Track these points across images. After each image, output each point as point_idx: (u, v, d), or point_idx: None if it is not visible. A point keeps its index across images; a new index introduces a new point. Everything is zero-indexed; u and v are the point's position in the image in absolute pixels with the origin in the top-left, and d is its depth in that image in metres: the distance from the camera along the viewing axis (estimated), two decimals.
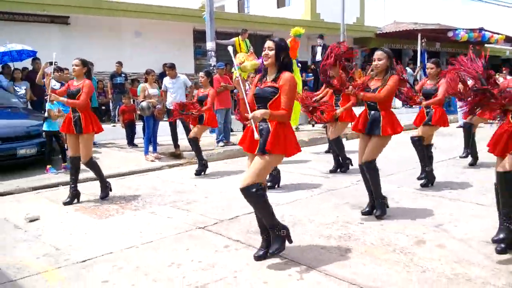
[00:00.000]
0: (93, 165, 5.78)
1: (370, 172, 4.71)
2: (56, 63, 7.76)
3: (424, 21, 22.48)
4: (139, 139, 9.56)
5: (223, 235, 4.31)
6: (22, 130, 7.39)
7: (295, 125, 11.53)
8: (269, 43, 3.56)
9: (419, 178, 6.15)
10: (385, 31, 21.42)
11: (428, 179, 6.06)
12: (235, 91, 9.26)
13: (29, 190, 6.35)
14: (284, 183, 6.33)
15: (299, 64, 11.17)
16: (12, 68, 10.38)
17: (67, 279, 3.43)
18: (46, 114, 7.13)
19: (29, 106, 9.68)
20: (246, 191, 3.47)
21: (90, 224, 4.80)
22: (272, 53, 3.52)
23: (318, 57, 12.50)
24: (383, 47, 4.84)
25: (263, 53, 3.57)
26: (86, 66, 5.64)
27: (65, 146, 7.29)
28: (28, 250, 4.06)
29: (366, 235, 4.20)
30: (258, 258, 3.65)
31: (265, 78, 3.63)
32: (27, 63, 11.34)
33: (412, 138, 6.05)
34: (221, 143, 9.37)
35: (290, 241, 3.69)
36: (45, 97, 7.38)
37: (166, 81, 8.63)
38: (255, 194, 3.45)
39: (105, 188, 5.87)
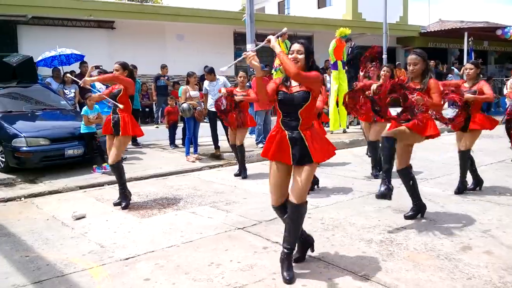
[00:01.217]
0: (118, 169, 5.55)
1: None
2: (101, 66, 8.02)
3: (471, 19, 21.69)
4: (179, 140, 9.75)
5: (262, 236, 4.31)
6: (70, 131, 7.69)
7: (344, 127, 11.33)
8: (297, 46, 3.28)
9: (468, 189, 5.79)
10: (429, 30, 20.83)
11: (476, 184, 5.82)
12: None
13: (76, 189, 6.58)
14: (325, 185, 6.26)
15: (345, 67, 10.85)
16: (63, 72, 10.82)
17: (110, 275, 3.54)
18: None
19: (77, 108, 10.06)
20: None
21: (134, 223, 4.93)
22: (302, 56, 3.25)
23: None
24: (417, 50, 4.51)
25: (291, 56, 3.27)
26: (126, 69, 5.69)
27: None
28: (74, 247, 4.21)
29: (408, 240, 4.09)
30: (296, 260, 3.62)
31: (288, 83, 3.33)
32: (75, 67, 11.79)
33: (458, 152, 5.73)
34: (260, 145, 9.39)
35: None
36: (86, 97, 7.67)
37: (206, 84, 8.77)
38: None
39: (125, 197, 5.55)
